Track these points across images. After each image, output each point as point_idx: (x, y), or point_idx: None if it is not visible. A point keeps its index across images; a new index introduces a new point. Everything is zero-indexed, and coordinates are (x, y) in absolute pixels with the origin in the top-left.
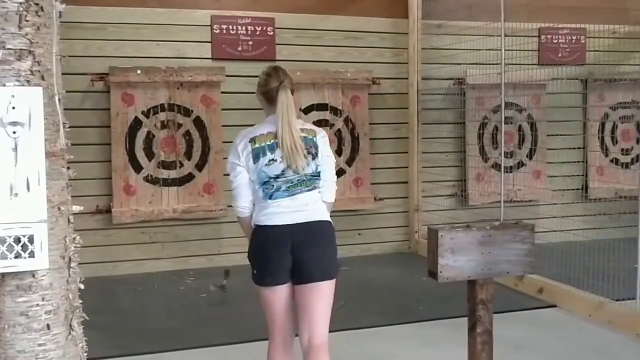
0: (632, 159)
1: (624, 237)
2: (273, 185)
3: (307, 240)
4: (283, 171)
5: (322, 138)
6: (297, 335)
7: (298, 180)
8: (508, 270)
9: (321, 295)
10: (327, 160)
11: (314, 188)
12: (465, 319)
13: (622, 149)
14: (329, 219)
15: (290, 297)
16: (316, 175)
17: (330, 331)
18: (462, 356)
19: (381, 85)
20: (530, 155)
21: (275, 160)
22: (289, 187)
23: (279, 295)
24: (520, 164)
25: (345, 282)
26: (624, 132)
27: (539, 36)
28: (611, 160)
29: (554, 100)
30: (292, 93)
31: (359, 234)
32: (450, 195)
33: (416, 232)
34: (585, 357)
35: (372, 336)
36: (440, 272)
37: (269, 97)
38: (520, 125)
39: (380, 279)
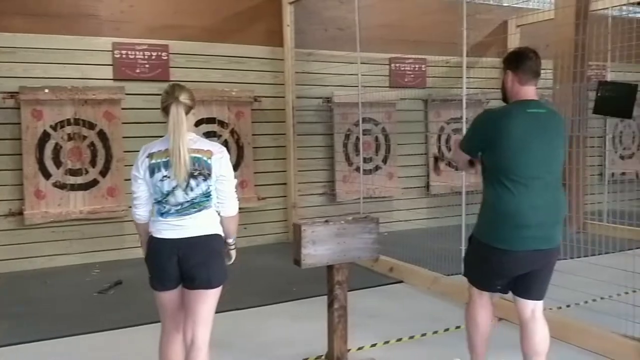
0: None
1: (457, 224)
2: (165, 207)
3: (191, 252)
4: (174, 188)
5: (219, 159)
6: None
7: (189, 203)
8: (359, 255)
9: (204, 301)
10: (222, 180)
11: (204, 208)
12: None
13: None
14: (216, 232)
15: (181, 299)
16: (207, 195)
17: (216, 312)
18: (325, 328)
19: (262, 102)
20: (384, 160)
21: (169, 177)
22: (178, 210)
23: (168, 298)
24: (377, 168)
25: (232, 269)
26: (455, 140)
27: (389, 64)
28: (447, 164)
29: (402, 116)
30: (190, 109)
31: (245, 228)
32: (322, 193)
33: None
34: (422, 321)
35: (252, 315)
36: (303, 260)
37: (165, 113)
38: (376, 136)
39: (262, 266)
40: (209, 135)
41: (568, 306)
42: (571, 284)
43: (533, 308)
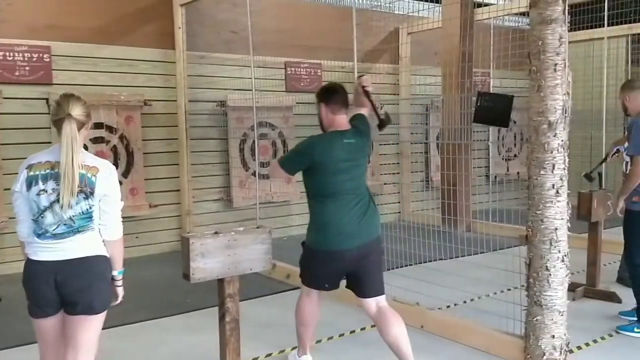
0: None
1: None
2: (42, 227)
3: (72, 275)
4: (52, 204)
5: (106, 178)
6: None
7: (66, 226)
8: (251, 267)
9: (87, 328)
10: (106, 201)
11: (85, 230)
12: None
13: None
14: (100, 253)
15: (62, 326)
16: (87, 215)
17: (103, 328)
18: (218, 340)
19: (153, 106)
20: None
21: (46, 191)
22: (55, 231)
23: (48, 325)
24: None
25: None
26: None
27: (285, 68)
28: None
29: (300, 120)
30: (84, 124)
31: (137, 237)
32: (217, 199)
33: (188, 233)
34: (317, 327)
35: (144, 329)
36: (192, 274)
37: (57, 127)
38: (273, 141)
39: (154, 277)
40: (97, 141)
41: (456, 305)
42: (457, 284)
43: (376, 303)
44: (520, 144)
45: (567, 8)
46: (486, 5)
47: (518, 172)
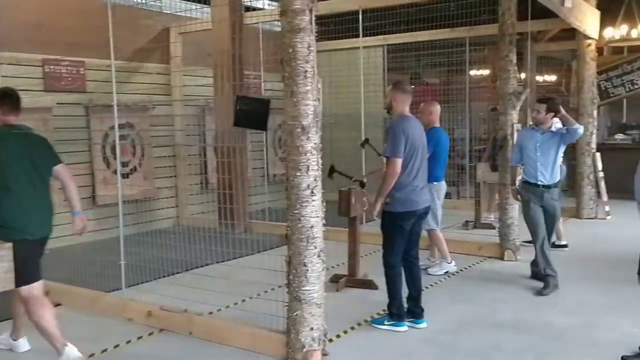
0: (130, 169)
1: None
2: None
3: None
4: None
5: None
6: None
7: None
8: None
9: None
10: None
11: None
12: None
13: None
14: None
15: None
16: None
17: None
18: None
19: None
20: None
21: None
22: None
23: None
24: None
25: None
26: (123, 148)
27: (43, 66)
28: (113, 172)
29: (61, 123)
30: None
31: None
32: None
33: None
34: (84, 344)
35: None
36: None
37: None
38: None
39: None
40: None
41: (228, 307)
42: (228, 287)
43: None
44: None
45: (314, 18)
46: (255, 9)
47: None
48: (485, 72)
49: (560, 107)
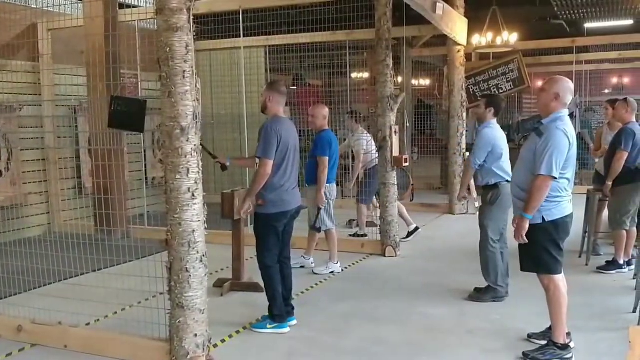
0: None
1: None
2: None
3: None
4: None
5: None
6: None
7: None
8: None
9: None
10: None
11: None
12: None
13: None
14: None
15: None
16: None
17: None
18: None
19: None
20: None
21: None
22: None
23: None
24: None
25: None
26: None
27: None
28: None
29: None
30: None
31: None
32: None
33: None
34: None
35: None
36: None
37: None
38: None
39: None
40: None
41: (106, 317)
42: (105, 296)
43: None
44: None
45: (192, 17)
46: (129, 7)
47: None
48: (365, 75)
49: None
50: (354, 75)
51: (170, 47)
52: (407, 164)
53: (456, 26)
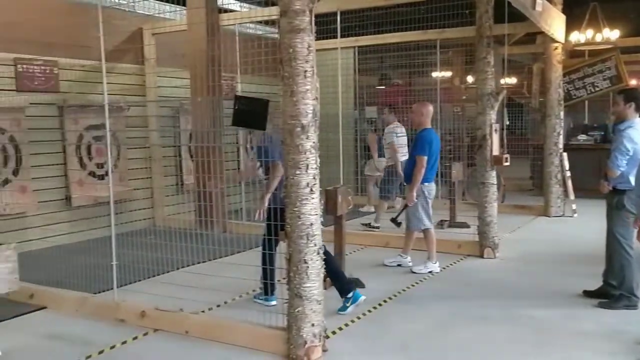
0: (106, 171)
1: (103, 237)
2: None
3: None
4: None
5: None
6: None
7: None
8: None
9: None
10: None
11: None
12: None
13: (97, 164)
14: None
15: None
16: None
17: None
18: None
19: None
20: (15, 173)
21: None
22: None
23: None
24: (6, 181)
25: None
26: (97, 149)
27: (15, 65)
28: (89, 173)
29: (34, 123)
30: None
31: None
32: None
33: None
34: (72, 347)
35: None
36: None
37: None
38: (4, 146)
39: None
40: None
41: (219, 306)
42: (218, 285)
43: None
44: None
45: (314, 19)
46: (229, 11)
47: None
48: (448, 74)
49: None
50: (434, 74)
51: (293, 48)
52: (507, 164)
53: (554, 23)
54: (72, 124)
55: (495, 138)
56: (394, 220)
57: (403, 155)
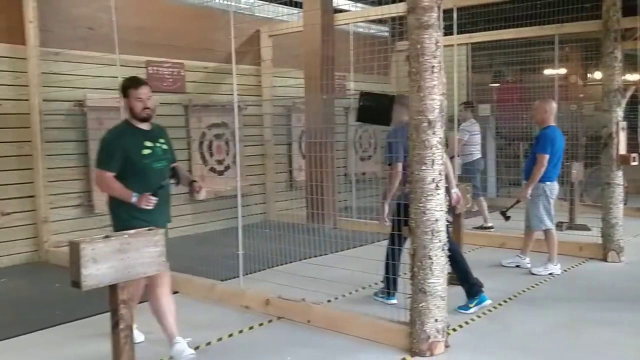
0: (225, 167)
1: (222, 229)
2: None
3: None
4: None
5: None
6: None
7: None
8: (144, 271)
9: None
10: None
11: None
12: (105, 315)
13: (217, 160)
14: None
15: None
16: None
17: None
18: (106, 350)
19: (2, 106)
20: None
21: None
22: None
23: None
24: None
25: None
26: (217, 147)
27: (146, 67)
28: (210, 169)
29: (163, 121)
30: None
31: None
32: (77, 205)
33: (46, 242)
34: (202, 330)
35: (8, 348)
36: (84, 281)
37: None
38: None
39: (11, 291)
40: None
41: (337, 298)
42: (337, 277)
43: None
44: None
45: (442, 15)
46: (343, 11)
47: (376, 172)
48: (563, 70)
49: None
50: (546, 71)
51: (421, 43)
52: (635, 163)
53: None
54: (196, 122)
55: (623, 136)
56: (503, 213)
57: (470, 155)
